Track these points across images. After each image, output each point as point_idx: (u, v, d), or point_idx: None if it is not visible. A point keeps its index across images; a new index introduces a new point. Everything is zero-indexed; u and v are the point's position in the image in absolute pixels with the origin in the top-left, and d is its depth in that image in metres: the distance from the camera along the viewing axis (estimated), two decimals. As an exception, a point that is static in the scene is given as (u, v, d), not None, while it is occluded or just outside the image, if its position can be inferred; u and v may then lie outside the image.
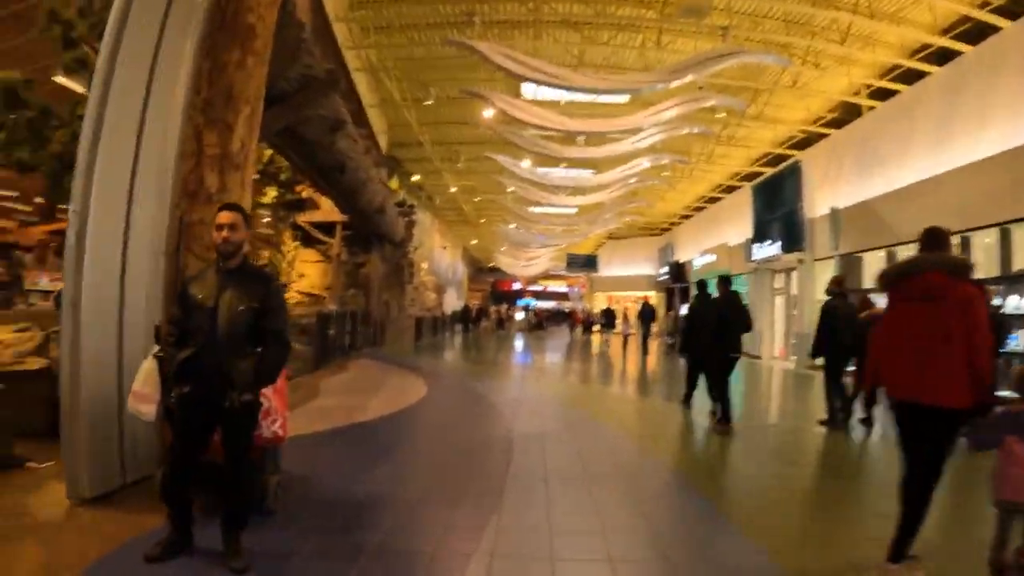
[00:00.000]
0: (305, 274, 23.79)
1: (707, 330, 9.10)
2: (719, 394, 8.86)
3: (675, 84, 15.08)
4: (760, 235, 24.21)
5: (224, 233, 3.83)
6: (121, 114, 4.91)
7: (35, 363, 6.58)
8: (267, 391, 4.21)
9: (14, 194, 27.52)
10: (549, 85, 15.44)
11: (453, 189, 33.90)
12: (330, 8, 16.08)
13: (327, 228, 23.59)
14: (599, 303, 49.30)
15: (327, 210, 22.08)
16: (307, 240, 23.84)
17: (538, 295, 70.42)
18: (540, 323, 47.70)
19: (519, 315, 51.23)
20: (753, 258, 24.64)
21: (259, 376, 3.79)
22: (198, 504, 4.03)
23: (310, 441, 7.28)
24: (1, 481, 5.16)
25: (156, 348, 4.19)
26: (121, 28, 4.88)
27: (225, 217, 3.87)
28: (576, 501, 5.34)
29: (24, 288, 18.23)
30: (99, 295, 4.77)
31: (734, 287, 9.68)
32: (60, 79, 9.61)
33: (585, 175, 27.33)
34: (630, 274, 48.56)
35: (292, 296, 21.33)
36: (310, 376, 13.18)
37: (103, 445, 4.79)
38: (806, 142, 22.84)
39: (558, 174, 27.43)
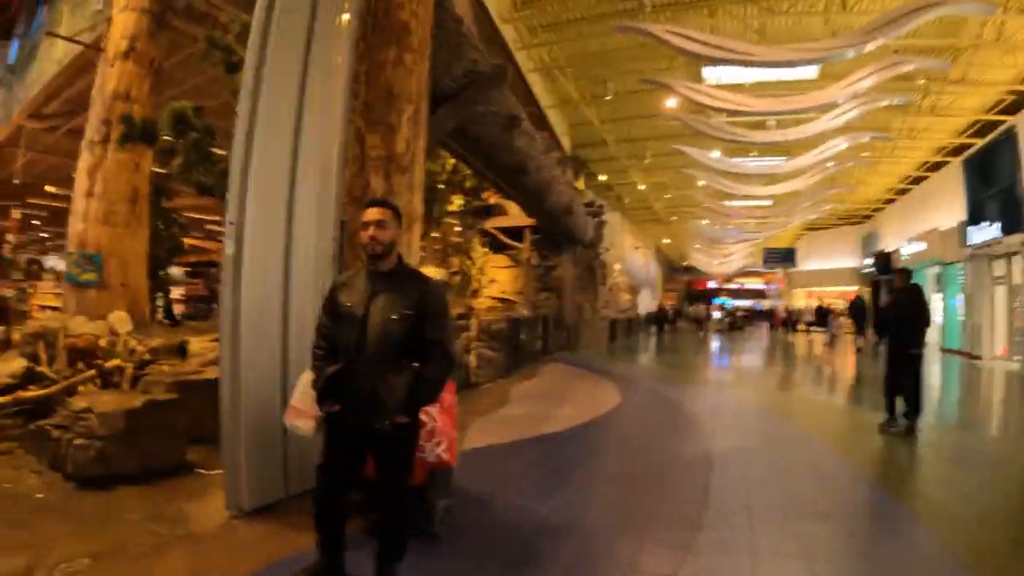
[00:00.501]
0: (496, 280, 23.92)
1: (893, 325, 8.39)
2: (907, 394, 8.12)
3: (867, 48, 13.44)
4: (975, 216, 21.38)
5: (371, 231, 3.41)
6: (273, 122, 4.81)
7: (214, 372, 6.77)
8: (430, 409, 3.86)
9: (217, 218, 30.32)
10: (732, 63, 14.34)
11: (642, 187, 33.14)
12: (494, 10, 16.03)
13: (516, 233, 23.66)
14: (798, 300, 46.33)
15: (515, 215, 22.16)
16: (496, 246, 23.98)
17: (734, 293, 67.43)
18: (738, 323, 45.33)
19: (716, 315, 48.86)
20: (969, 243, 21.70)
21: (416, 395, 3.35)
22: (358, 523, 3.76)
23: (492, 454, 6.94)
24: (171, 487, 5.24)
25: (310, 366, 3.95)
26: (265, 35, 4.79)
27: (372, 214, 3.46)
28: (784, 541, 4.52)
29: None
30: (261, 304, 4.70)
31: (917, 279, 8.78)
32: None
33: (778, 162, 25.49)
34: (831, 267, 45.33)
35: (484, 302, 21.57)
36: (501, 382, 13.01)
37: (264, 456, 4.70)
38: (1018, 104, 19.67)
39: (750, 164, 25.84)
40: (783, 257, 49.48)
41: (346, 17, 5.25)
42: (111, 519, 4.50)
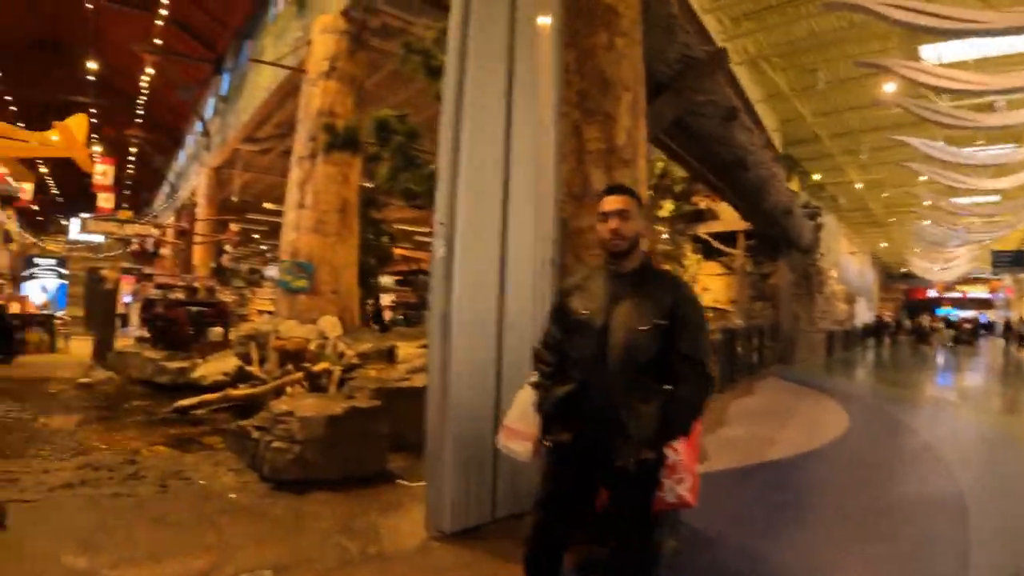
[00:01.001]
0: (709, 288, 22.92)
1: None
2: None
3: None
4: None
5: (612, 223, 2.81)
6: (481, 116, 4.42)
7: (421, 380, 6.60)
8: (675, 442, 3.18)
9: (427, 230, 31.34)
10: (957, 33, 12.48)
11: (858, 185, 30.54)
12: (695, 1, 15.21)
13: (728, 238, 22.49)
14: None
15: (728, 219, 21.08)
16: (708, 252, 22.95)
17: (957, 303, 60.54)
18: (965, 336, 40.43)
19: (942, 326, 43.85)
20: None
21: (668, 425, 2.70)
22: (576, 556, 3.27)
23: (716, 481, 6.13)
24: (367, 497, 5.02)
25: (533, 376, 3.33)
26: (465, 27, 4.43)
27: (612, 202, 2.85)
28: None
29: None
30: (473, 310, 4.30)
31: None
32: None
33: (1007, 151, 22.13)
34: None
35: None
36: (718, 398, 12.10)
37: (472, 474, 4.29)
38: None
39: (979, 154, 22.76)
40: (1013, 260, 43.83)
41: (548, 3, 4.85)
42: (300, 527, 4.36)
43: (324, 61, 12.97)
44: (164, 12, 22.33)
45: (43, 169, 41.44)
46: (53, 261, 19.00)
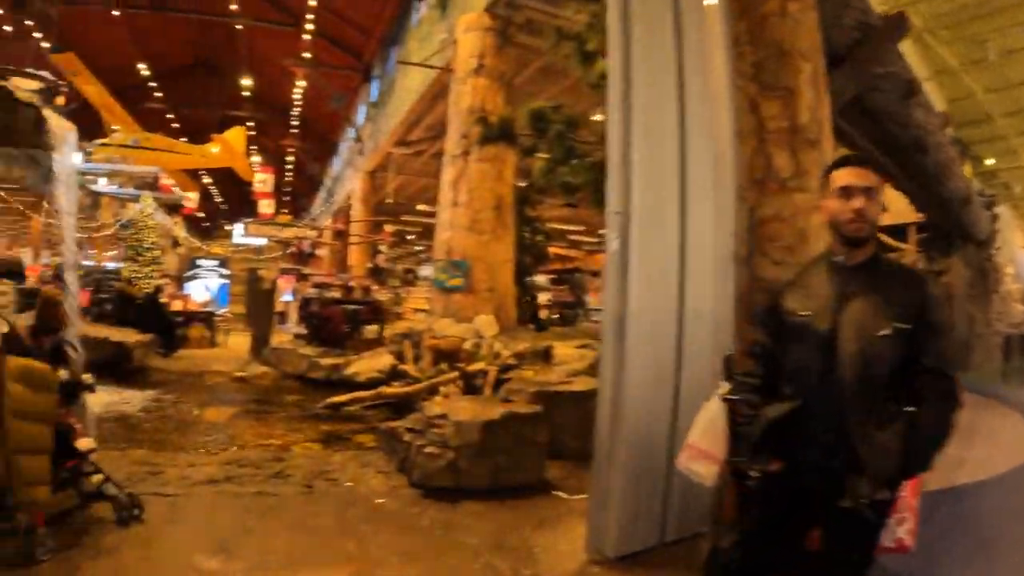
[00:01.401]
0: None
1: None
2: None
3: None
4: None
5: (857, 202, 2.21)
6: (651, 94, 3.91)
7: (582, 384, 6.20)
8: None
9: (580, 227, 30.99)
10: None
11: (1035, 170, 27.45)
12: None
13: (897, 232, 20.63)
14: None
15: (897, 211, 19.24)
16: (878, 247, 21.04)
17: None
18: None
19: None
20: None
21: (912, 458, 2.13)
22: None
23: None
24: (522, 509, 4.64)
25: (724, 387, 2.82)
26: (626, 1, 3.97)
27: (858, 176, 2.24)
28: None
29: (587, 307, 19.84)
30: (652, 311, 3.79)
31: None
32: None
33: None
34: None
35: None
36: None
37: (642, 491, 3.78)
38: None
39: None
40: None
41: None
42: (448, 542, 4.03)
43: (471, 59, 12.84)
44: (310, 27, 23.16)
45: (207, 180, 44.40)
46: (215, 262, 19.99)
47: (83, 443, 4.14)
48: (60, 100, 16.62)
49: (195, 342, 13.90)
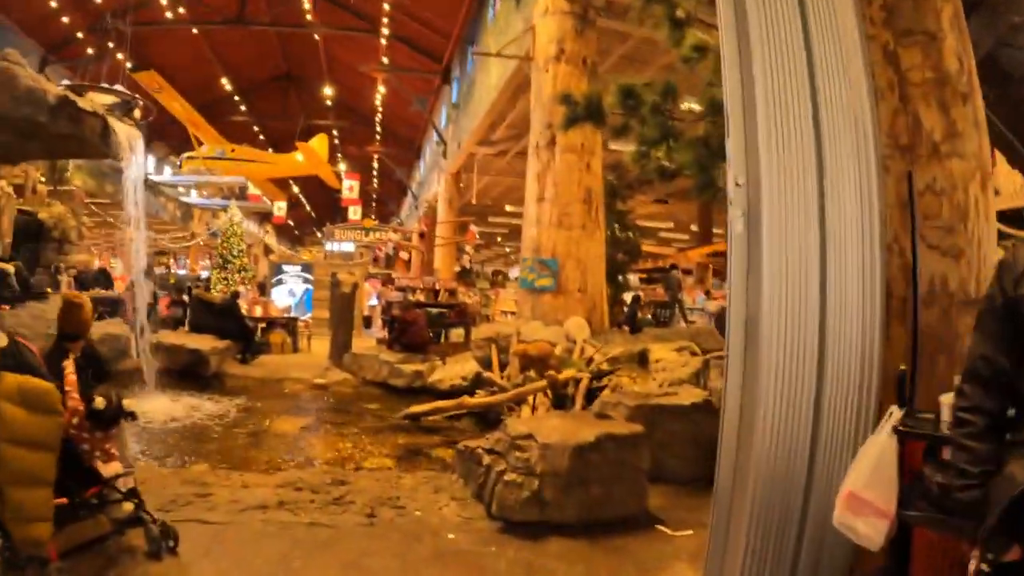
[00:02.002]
0: (988, 276, 19.22)
1: None
2: None
3: None
4: None
5: None
6: (773, 45, 3.05)
7: (688, 395, 5.30)
8: None
9: (669, 224, 29.77)
10: None
11: None
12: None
13: (1010, 218, 18.75)
14: None
15: (1008, 193, 17.50)
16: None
17: None
18: None
19: None
20: None
21: None
22: None
23: None
24: (621, 550, 3.88)
25: (894, 416, 2.19)
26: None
27: None
28: None
29: (683, 306, 18.69)
30: (788, 312, 2.83)
31: None
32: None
33: None
34: None
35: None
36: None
37: (771, 539, 2.86)
38: None
39: None
40: None
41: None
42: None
43: (550, 44, 12.03)
44: (386, 31, 22.92)
45: (296, 189, 45.30)
46: (298, 268, 19.87)
47: (109, 468, 3.67)
48: (137, 113, 16.73)
49: (276, 348, 13.57)
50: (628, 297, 15.61)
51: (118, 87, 18.21)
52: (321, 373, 11.14)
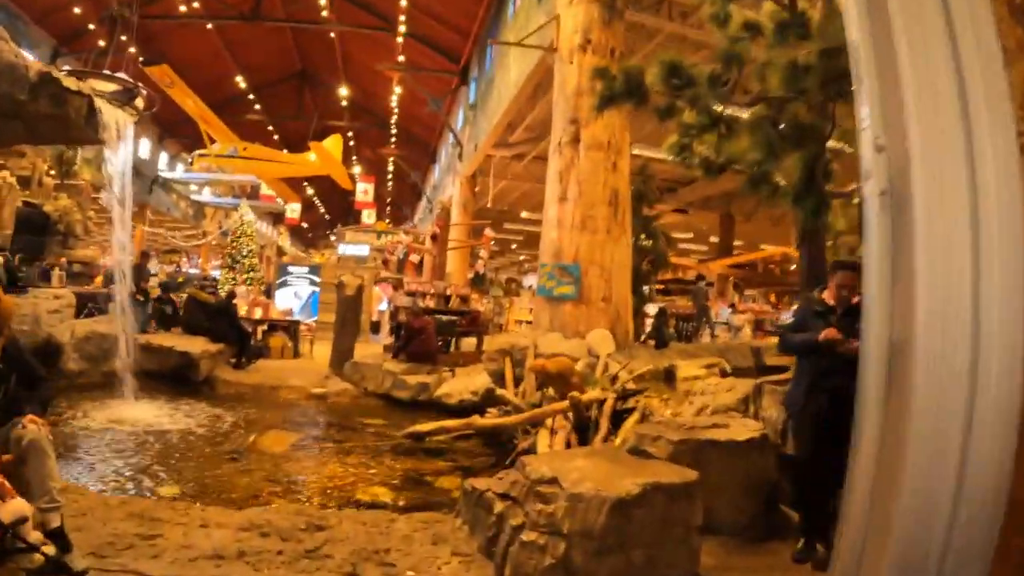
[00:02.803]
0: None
1: None
2: None
3: None
4: None
5: None
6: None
7: (741, 429, 4.38)
8: None
9: (689, 235, 28.85)
10: None
11: None
12: None
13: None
14: None
15: None
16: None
17: None
18: None
19: None
20: None
21: None
22: None
23: None
24: None
25: None
26: None
27: None
28: None
29: (711, 320, 17.72)
30: (940, 332, 1.95)
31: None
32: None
33: None
34: None
35: None
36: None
37: None
38: None
39: None
40: None
41: None
42: None
43: (575, 34, 11.12)
44: (403, 29, 22.25)
45: (310, 191, 44.79)
46: (306, 269, 19.08)
47: (7, 511, 2.91)
48: (140, 103, 16.08)
49: (276, 352, 12.75)
50: (651, 310, 14.60)
51: (120, 75, 17.61)
52: (320, 382, 10.33)
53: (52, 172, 16.60)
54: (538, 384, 7.50)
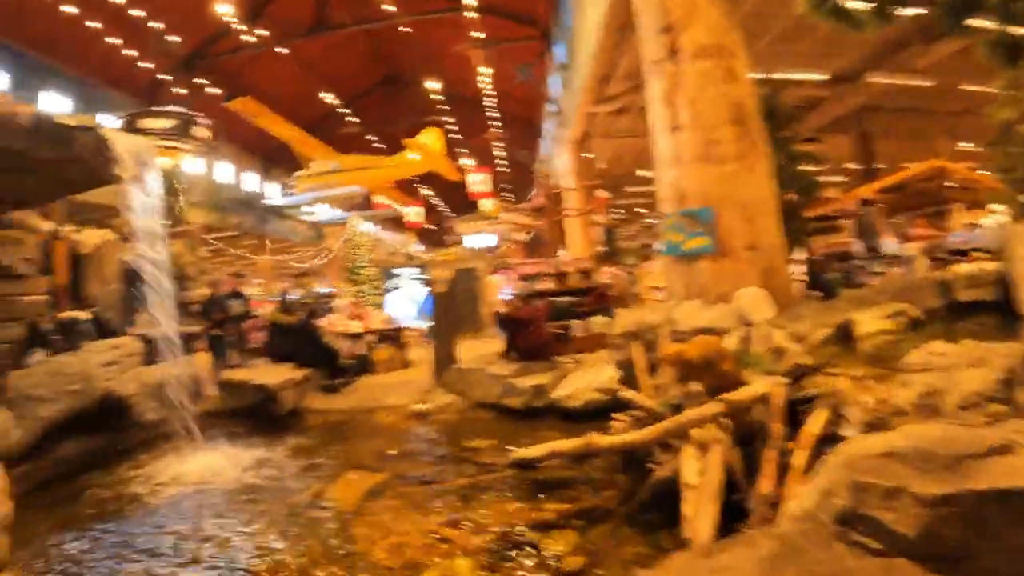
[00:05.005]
0: None
1: None
2: None
3: None
4: None
5: None
6: None
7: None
8: None
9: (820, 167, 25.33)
10: None
11: None
12: None
13: None
14: None
15: None
16: None
17: None
18: None
19: None
20: None
21: None
22: None
23: None
24: None
25: None
26: None
27: None
28: None
29: (880, 255, 14.55)
30: None
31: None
32: None
33: None
34: None
35: None
36: None
37: None
38: None
39: None
40: None
41: None
42: None
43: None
44: (471, 2, 20.57)
45: (427, 191, 44.22)
46: (416, 270, 17.71)
47: None
48: (202, 132, 15.43)
49: (384, 366, 11.33)
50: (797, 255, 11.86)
51: (173, 107, 17.06)
52: (422, 397, 8.75)
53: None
54: (679, 376, 5.43)
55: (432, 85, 28.49)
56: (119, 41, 20.74)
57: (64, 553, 4.75)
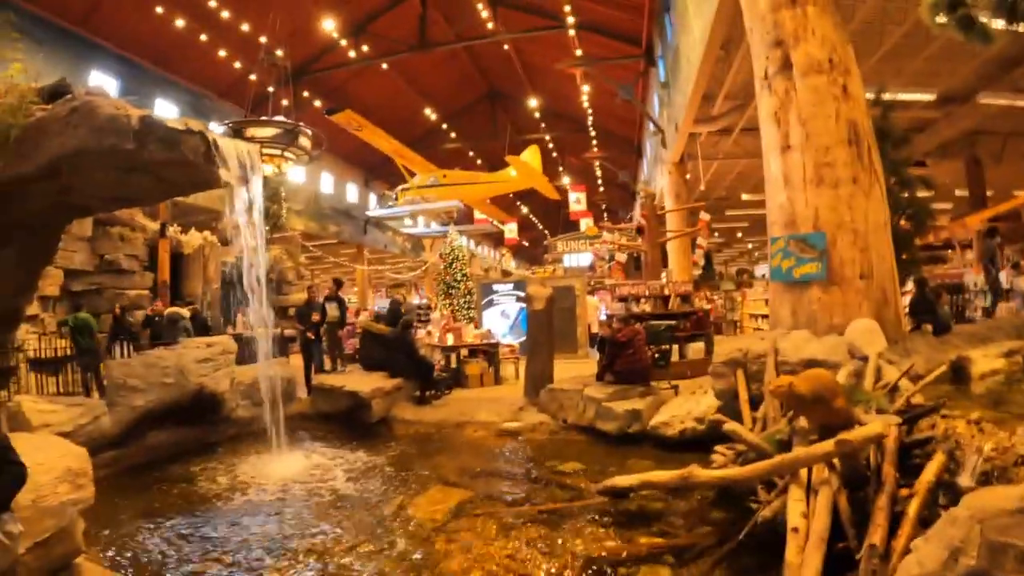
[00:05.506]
0: None
1: None
2: None
3: None
4: None
5: None
6: None
7: None
8: None
9: (927, 193, 23.82)
10: None
11: None
12: None
13: None
14: None
15: None
16: None
17: None
18: None
19: None
20: None
21: None
22: None
23: None
24: None
25: None
26: None
27: None
28: None
29: (999, 288, 13.42)
30: None
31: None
32: None
33: None
34: None
35: None
36: None
37: None
38: None
39: None
40: None
41: None
42: None
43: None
44: (572, 20, 20.41)
45: (525, 209, 44.37)
46: (510, 286, 17.60)
47: None
48: (306, 142, 15.83)
49: (475, 380, 11.32)
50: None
51: (279, 118, 17.58)
52: (513, 414, 8.65)
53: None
54: (785, 410, 5.10)
55: (532, 102, 28.50)
56: (228, 54, 21.60)
57: (140, 544, 4.85)
